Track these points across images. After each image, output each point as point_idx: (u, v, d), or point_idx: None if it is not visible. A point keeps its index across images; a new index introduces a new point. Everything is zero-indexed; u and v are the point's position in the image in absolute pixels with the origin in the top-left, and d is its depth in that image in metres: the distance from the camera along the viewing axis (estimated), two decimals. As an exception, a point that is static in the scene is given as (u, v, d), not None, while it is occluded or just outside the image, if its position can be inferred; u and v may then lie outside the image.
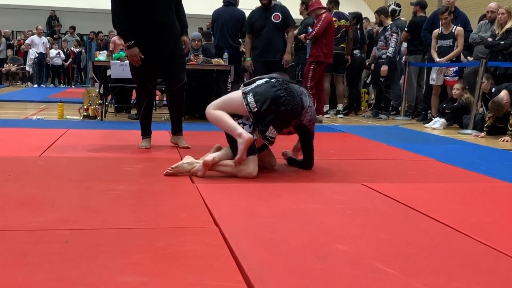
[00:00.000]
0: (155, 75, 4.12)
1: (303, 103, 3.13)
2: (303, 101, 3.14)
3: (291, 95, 3.07)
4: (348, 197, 2.72)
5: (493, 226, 2.27)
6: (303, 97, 3.16)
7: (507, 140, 5.45)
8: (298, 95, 3.12)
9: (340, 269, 1.67)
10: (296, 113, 3.11)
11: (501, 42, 6.36)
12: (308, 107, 3.17)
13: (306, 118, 3.17)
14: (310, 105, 3.19)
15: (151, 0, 3.85)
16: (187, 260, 1.70)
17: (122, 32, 3.90)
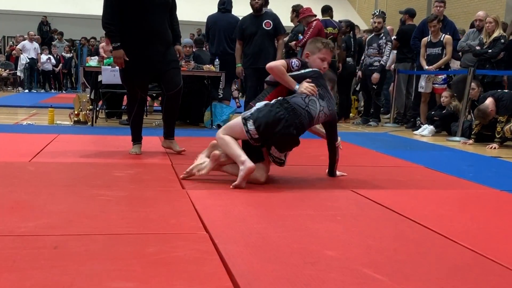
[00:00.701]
0: (144, 81, 4.10)
1: (311, 113, 3.08)
2: (310, 111, 3.07)
3: (293, 113, 3.02)
4: (338, 203, 2.74)
5: (481, 232, 2.30)
6: (311, 106, 3.08)
7: (494, 147, 5.52)
8: (304, 108, 3.06)
9: (329, 275, 1.68)
10: (303, 128, 3.11)
11: (489, 51, 6.44)
12: (320, 112, 3.12)
13: (321, 120, 3.19)
14: (321, 110, 3.12)
15: (144, 6, 3.85)
16: (176, 266, 1.70)
17: (110, 32, 3.87)
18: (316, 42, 3.34)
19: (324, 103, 3.14)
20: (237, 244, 1.95)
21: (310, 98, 3.11)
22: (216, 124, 6.56)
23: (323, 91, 3.16)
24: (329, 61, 3.36)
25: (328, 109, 3.17)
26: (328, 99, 3.18)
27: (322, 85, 3.19)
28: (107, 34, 4.00)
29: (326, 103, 3.15)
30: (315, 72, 3.23)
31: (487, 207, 2.81)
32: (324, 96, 3.15)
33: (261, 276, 1.64)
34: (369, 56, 7.62)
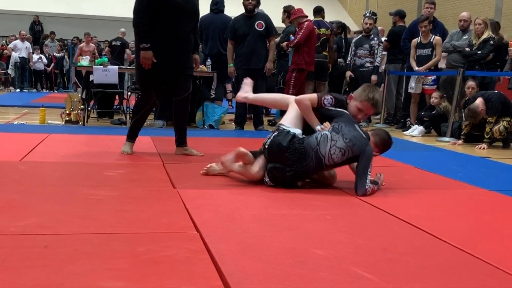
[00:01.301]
0: (162, 86, 4.07)
1: (320, 152, 2.92)
2: (320, 149, 2.92)
3: (300, 155, 2.92)
4: (328, 203, 2.75)
5: (470, 232, 2.32)
6: (321, 144, 2.92)
7: (483, 147, 5.58)
8: (313, 149, 2.92)
9: (318, 274, 1.69)
10: (306, 175, 3.03)
11: (478, 52, 6.50)
12: (331, 148, 2.92)
13: (336, 158, 2.94)
14: (332, 145, 2.92)
15: (178, 12, 3.84)
16: (167, 266, 1.70)
17: (142, 32, 3.82)
18: (365, 92, 3.15)
19: (338, 137, 2.93)
20: (228, 244, 1.95)
21: (322, 134, 2.98)
22: (208, 124, 6.57)
23: (339, 126, 2.98)
24: (366, 115, 3.26)
25: (344, 141, 2.91)
26: (344, 132, 2.94)
27: (343, 122, 3.01)
28: (138, 33, 3.87)
29: (341, 136, 2.93)
30: (341, 112, 3.10)
31: (476, 207, 2.84)
32: (339, 130, 2.96)
33: (251, 275, 1.65)
34: (359, 57, 7.65)
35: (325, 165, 2.96)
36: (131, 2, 4.10)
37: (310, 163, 2.93)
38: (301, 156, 2.92)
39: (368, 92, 3.13)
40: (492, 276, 1.76)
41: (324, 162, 2.93)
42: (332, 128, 2.99)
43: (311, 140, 2.97)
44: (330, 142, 2.93)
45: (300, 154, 2.93)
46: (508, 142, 5.95)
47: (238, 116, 6.61)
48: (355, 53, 7.70)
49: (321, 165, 2.95)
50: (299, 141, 2.98)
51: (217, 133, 6.22)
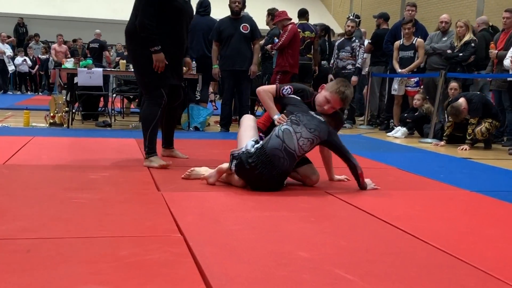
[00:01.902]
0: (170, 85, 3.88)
1: (289, 148, 2.94)
2: (288, 146, 2.93)
3: (270, 165, 2.90)
4: (312, 204, 2.77)
5: (451, 233, 2.35)
6: (287, 141, 2.94)
7: (465, 148, 5.66)
8: (281, 150, 2.92)
9: (301, 276, 1.71)
10: (285, 173, 3.02)
11: (460, 54, 6.59)
12: (299, 140, 2.96)
13: (307, 147, 3.02)
14: (299, 137, 2.96)
15: (181, 15, 3.76)
16: (150, 269, 1.70)
17: (153, 35, 3.59)
18: (337, 85, 3.15)
19: (300, 128, 2.98)
20: (212, 246, 1.96)
21: (283, 130, 2.98)
22: (193, 126, 6.56)
23: (297, 117, 3.03)
24: (333, 107, 3.16)
25: (309, 131, 2.99)
26: (305, 123, 3.01)
27: (301, 111, 3.08)
28: (147, 35, 3.60)
29: (303, 127, 2.99)
30: (296, 100, 3.16)
31: (457, 208, 2.88)
32: (299, 121, 3.01)
33: (235, 278, 1.65)
34: (341, 60, 7.71)
35: (298, 157, 3.01)
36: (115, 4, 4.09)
37: (284, 163, 2.94)
38: (271, 164, 2.89)
39: (339, 86, 3.13)
40: (472, 276, 1.79)
41: (296, 155, 2.98)
42: (291, 121, 3.02)
43: (273, 142, 2.94)
44: (295, 135, 2.97)
45: (269, 163, 2.89)
46: (490, 143, 6.04)
47: (224, 118, 6.62)
48: (337, 55, 7.76)
49: (294, 158, 2.99)
50: (259, 152, 2.91)
51: (203, 135, 6.22)
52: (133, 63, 3.90)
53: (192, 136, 5.95)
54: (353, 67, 7.64)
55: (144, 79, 3.78)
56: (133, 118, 7.83)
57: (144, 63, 3.70)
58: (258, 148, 2.94)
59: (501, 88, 6.38)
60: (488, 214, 2.78)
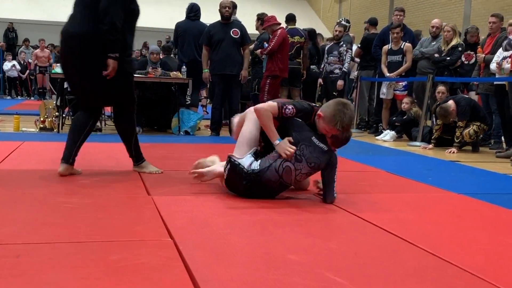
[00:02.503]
0: None
1: (284, 182, 2.89)
2: (284, 181, 2.88)
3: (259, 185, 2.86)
4: (301, 208, 2.78)
5: (439, 235, 2.37)
6: (284, 177, 2.87)
7: (453, 151, 5.71)
8: (275, 181, 2.86)
9: (291, 279, 1.72)
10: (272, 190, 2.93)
11: (447, 58, 6.67)
12: (297, 176, 2.89)
13: (303, 178, 2.96)
14: (297, 174, 2.88)
15: (136, 19, 3.48)
16: (140, 273, 1.71)
17: (119, 41, 3.27)
18: (335, 118, 2.81)
19: (301, 165, 2.86)
20: (202, 250, 1.97)
21: (285, 167, 2.85)
22: (183, 131, 6.56)
23: (300, 150, 2.85)
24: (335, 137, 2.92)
25: (309, 166, 2.87)
26: (308, 157, 2.86)
27: (305, 139, 2.88)
28: (115, 39, 3.24)
29: (305, 162, 2.86)
30: (301, 125, 2.94)
31: (445, 211, 2.90)
32: (302, 156, 2.85)
33: (225, 282, 1.66)
34: (329, 64, 7.76)
35: (290, 186, 2.99)
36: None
37: (276, 190, 2.94)
38: (261, 186, 2.87)
39: (338, 119, 2.81)
40: (459, 278, 1.81)
41: (289, 185, 2.98)
42: (295, 159, 2.85)
43: (270, 175, 2.85)
44: (295, 172, 2.87)
45: (259, 184, 2.87)
46: (478, 146, 6.11)
47: (214, 122, 6.63)
48: (327, 59, 7.82)
49: (287, 187, 2.98)
50: (254, 177, 2.86)
51: (193, 139, 6.22)
52: (92, 72, 3.30)
53: (182, 140, 5.95)
54: (340, 71, 7.70)
55: (113, 90, 3.39)
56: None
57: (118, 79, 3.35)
58: (254, 172, 2.87)
59: (488, 92, 6.46)
60: (475, 216, 2.81)
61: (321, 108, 2.95)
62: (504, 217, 2.80)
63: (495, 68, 5.97)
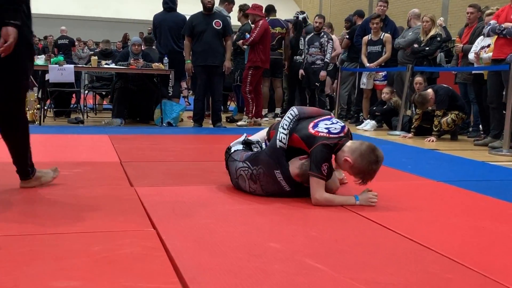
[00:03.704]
0: None
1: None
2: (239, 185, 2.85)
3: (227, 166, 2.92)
4: (282, 197, 2.78)
5: (418, 221, 2.42)
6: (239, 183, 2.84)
7: (432, 140, 5.80)
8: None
9: (273, 266, 1.75)
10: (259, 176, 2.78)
11: (426, 48, 6.74)
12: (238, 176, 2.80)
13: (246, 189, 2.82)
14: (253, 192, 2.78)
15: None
16: (122, 264, 1.72)
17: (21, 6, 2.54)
18: (367, 171, 2.64)
19: (256, 186, 2.77)
20: (184, 240, 1.98)
21: (239, 175, 2.82)
22: (166, 122, 6.55)
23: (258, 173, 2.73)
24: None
25: (264, 191, 2.76)
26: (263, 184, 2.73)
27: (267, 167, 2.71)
28: (18, 9, 2.50)
29: (260, 187, 2.76)
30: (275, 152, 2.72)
31: (424, 197, 2.96)
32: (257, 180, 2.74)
33: (207, 270, 1.68)
34: (311, 55, 7.79)
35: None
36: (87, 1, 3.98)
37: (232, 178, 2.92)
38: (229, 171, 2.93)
39: (365, 176, 2.64)
40: (437, 263, 1.85)
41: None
42: (250, 177, 2.75)
43: (231, 167, 2.87)
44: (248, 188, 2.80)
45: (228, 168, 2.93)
46: (456, 134, 6.21)
47: (197, 113, 6.62)
48: (308, 51, 7.84)
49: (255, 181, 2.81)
50: (227, 157, 2.93)
51: (176, 130, 6.21)
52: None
53: (165, 131, 5.94)
54: (322, 62, 7.73)
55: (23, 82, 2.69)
56: (105, 114, 7.77)
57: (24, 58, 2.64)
58: (228, 155, 2.90)
59: (466, 81, 6.55)
60: (453, 203, 2.86)
61: (352, 150, 2.62)
62: (482, 203, 2.86)
63: (473, 58, 6.05)
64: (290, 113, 2.82)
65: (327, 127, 2.71)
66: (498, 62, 5.36)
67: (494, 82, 5.49)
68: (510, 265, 1.86)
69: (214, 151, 4.40)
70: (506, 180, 3.66)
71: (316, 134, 2.67)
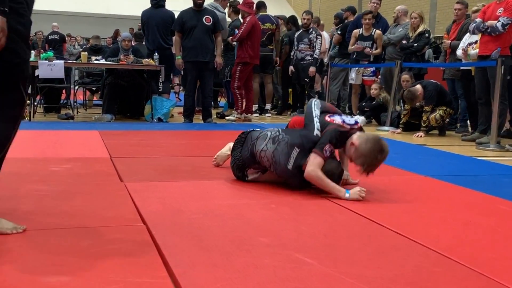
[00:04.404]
0: None
1: (254, 148, 2.92)
2: (254, 146, 2.92)
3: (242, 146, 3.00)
4: (272, 191, 2.82)
5: (406, 216, 2.45)
6: (257, 142, 2.91)
7: (420, 135, 5.86)
8: (251, 141, 2.94)
9: (262, 261, 1.76)
10: (243, 164, 2.97)
11: (414, 44, 6.79)
12: (261, 152, 2.87)
13: (264, 162, 2.90)
14: (263, 149, 2.87)
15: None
16: (112, 259, 1.72)
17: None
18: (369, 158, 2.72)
19: (271, 146, 2.85)
20: (175, 235, 1.99)
21: (263, 133, 2.94)
22: (156, 118, 6.54)
23: (282, 137, 2.86)
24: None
25: (272, 155, 2.83)
26: (282, 149, 2.81)
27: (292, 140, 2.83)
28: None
29: (274, 148, 2.83)
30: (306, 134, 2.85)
31: (412, 192, 2.98)
32: (277, 142, 2.84)
33: (197, 265, 1.69)
34: (300, 51, 7.81)
35: (258, 161, 2.93)
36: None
37: (245, 153, 2.97)
38: (241, 142, 3.04)
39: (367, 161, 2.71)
40: (425, 257, 1.88)
41: (255, 159, 2.93)
42: (272, 140, 2.87)
43: (254, 133, 3.01)
44: (262, 147, 2.87)
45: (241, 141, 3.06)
46: (444, 130, 6.27)
47: (187, 109, 6.62)
48: (297, 47, 7.87)
49: (254, 160, 2.94)
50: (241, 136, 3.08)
51: (166, 126, 6.20)
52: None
53: (155, 127, 5.93)
54: (311, 58, 7.76)
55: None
56: (95, 110, 7.75)
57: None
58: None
59: (454, 77, 6.61)
60: (440, 197, 2.89)
61: (360, 136, 2.76)
62: (469, 198, 2.89)
63: (461, 54, 6.11)
64: (314, 104, 2.99)
65: (342, 119, 2.91)
66: (484, 59, 5.42)
67: (481, 78, 5.55)
68: (496, 258, 1.89)
69: (204, 147, 4.41)
70: (493, 174, 3.71)
71: (331, 121, 2.87)
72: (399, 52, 7.00)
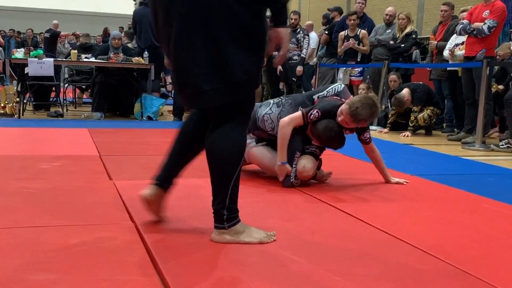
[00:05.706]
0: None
1: (256, 115, 3.08)
2: (256, 112, 3.08)
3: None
4: (261, 190, 2.84)
5: (392, 214, 2.48)
6: (259, 109, 3.11)
7: (407, 135, 5.92)
8: (257, 108, 3.10)
9: (250, 259, 1.78)
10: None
11: (402, 45, 6.85)
12: (265, 115, 3.07)
13: (267, 126, 3.08)
14: (266, 112, 3.08)
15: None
16: (100, 257, 1.72)
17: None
18: (354, 103, 2.86)
19: (276, 109, 3.07)
20: (162, 233, 2.00)
21: (265, 102, 3.17)
22: (146, 116, 6.53)
23: (284, 101, 3.10)
24: (344, 121, 2.92)
25: (278, 117, 3.01)
26: (287, 110, 3.02)
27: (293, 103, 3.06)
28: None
29: (280, 110, 3.06)
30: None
31: (398, 191, 3.01)
32: (284, 104, 3.08)
33: (185, 263, 1.70)
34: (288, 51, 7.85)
35: (259, 127, 3.10)
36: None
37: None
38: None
39: (357, 106, 2.84)
40: (411, 255, 1.90)
41: (257, 124, 3.10)
42: (277, 104, 3.10)
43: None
44: (266, 110, 3.08)
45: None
46: (431, 129, 6.34)
47: (177, 107, 6.61)
48: None
49: (256, 126, 3.11)
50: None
51: (156, 124, 6.20)
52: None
53: (145, 125, 5.92)
54: (299, 58, 7.80)
55: None
56: (85, 108, 7.72)
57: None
58: None
59: (440, 77, 6.68)
60: (426, 196, 2.93)
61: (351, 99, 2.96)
62: (454, 197, 2.92)
63: (448, 54, 6.17)
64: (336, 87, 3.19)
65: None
66: (469, 60, 5.49)
67: (467, 78, 5.62)
68: (480, 257, 1.92)
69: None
70: (478, 174, 3.76)
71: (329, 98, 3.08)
72: (386, 53, 7.05)
